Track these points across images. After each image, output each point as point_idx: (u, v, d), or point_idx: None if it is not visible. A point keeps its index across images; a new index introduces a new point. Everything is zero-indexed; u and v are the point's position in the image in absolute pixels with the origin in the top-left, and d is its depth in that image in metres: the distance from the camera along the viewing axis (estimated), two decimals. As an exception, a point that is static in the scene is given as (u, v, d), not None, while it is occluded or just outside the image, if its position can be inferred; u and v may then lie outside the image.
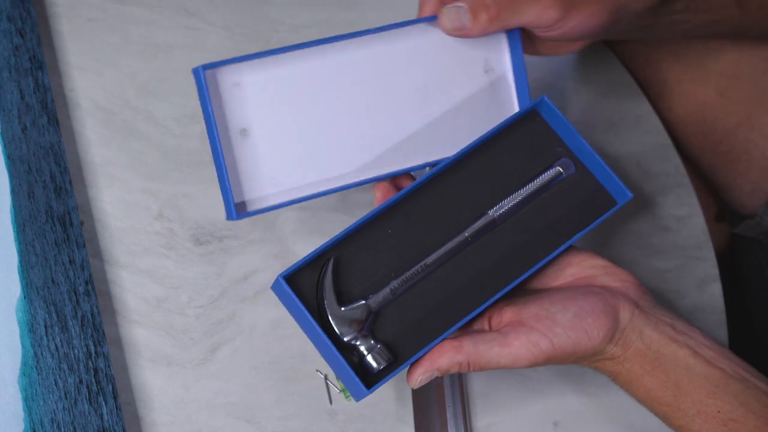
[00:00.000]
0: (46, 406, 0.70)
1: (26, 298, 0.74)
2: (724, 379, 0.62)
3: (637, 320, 0.64)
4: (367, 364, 0.63)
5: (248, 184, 0.67)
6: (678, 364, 0.63)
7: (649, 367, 0.63)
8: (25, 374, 0.71)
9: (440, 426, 0.74)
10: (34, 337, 0.72)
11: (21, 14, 0.89)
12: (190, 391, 0.74)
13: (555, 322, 0.63)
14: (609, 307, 0.64)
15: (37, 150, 0.82)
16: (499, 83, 0.73)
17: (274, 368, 0.76)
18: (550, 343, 0.62)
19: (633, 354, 0.64)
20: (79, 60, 0.90)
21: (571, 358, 0.64)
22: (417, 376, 0.63)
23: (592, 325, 0.63)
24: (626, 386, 0.66)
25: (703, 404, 0.62)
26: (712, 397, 0.62)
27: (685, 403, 0.63)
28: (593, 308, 0.64)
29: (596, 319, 0.63)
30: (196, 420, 0.73)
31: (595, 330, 0.63)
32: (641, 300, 0.66)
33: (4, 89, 0.84)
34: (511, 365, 0.63)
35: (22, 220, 0.78)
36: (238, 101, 0.67)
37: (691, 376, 0.62)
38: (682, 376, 0.63)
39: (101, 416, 0.70)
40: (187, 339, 0.77)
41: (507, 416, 0.76)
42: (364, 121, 0.70)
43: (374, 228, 0.66)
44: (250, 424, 0.73)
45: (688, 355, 0.63)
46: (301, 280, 0.65)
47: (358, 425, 0.74)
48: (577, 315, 0.63)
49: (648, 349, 0.63)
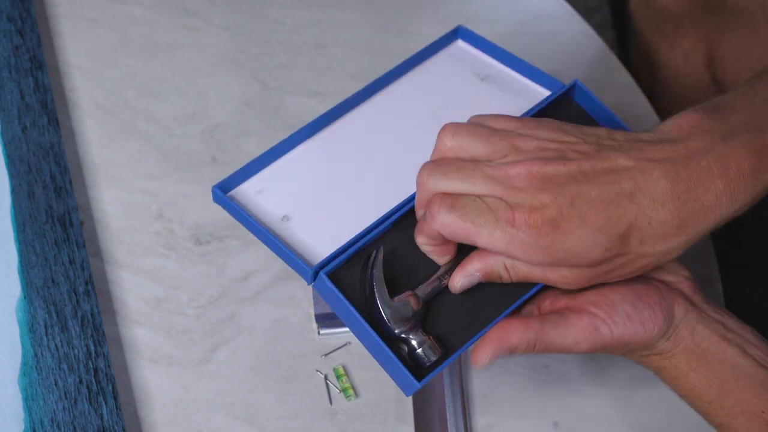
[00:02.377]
0: (46, 406, 0.70)
1: (26, 298, 0.74)
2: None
3: (690, 317, 0.63)
4: (419, 357, 0.61)
5: (308, 256, 0.66)
6: (726, 363, 0.62)
7: (696, 365, 0.63)
8: (25, 374, 0.71)
9: (440, 426, 0.74)
10: (34, 337, 0.72)
11: (21, 14, 0.89)
12: (190, 391, 0.74)
13: (615, 309, 0.62)
14: (665, 302, 0.63)
15: (37, 150, 0.82)
16: (504, 80, 0.74)
17: (274, 368, 0.76)
18: (610, 330, 0.61)
19: (682, 350, 0.63)
20: (79, 60, 0.90)
21: (625, 348, 0.63)
22: (486, 356, 0.61)
23: (648, 319, 0.62)
24: (670, 381, 0.65)
25: (748, 404, 0.61)
26: (757, 397, 0.61)
27: (729, 401, 0.62)
28: (651, 301, 0.63)
29: (653, 313, 0.62)
30: (196, 420, 0.73)
31: (651, 323, 0.62)
32: (694, 296, 0.65)
33: (4, 89, 0.85)
34: (571, 348, 0.61)
35: (22, 220, 0.78)
36: (266, 201, 0.68)
37: (738, 375, 0.62)
38: (728, 374, 0.62)
39: (101, 416, 0.70)
40: (187, 339, 0.77)
41: (507, 416, 0.76)
42: (390, 167, 0.70)
43: (413, 216, 0.65)
44: (250, 424, 0.73)
45: (737, 354, 0.62)
46: (342, 273, 0.63)
47: (358, 425, 0.74)
48: (635, 306, 0.62)
49: (697, 347, 0.63)
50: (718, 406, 0.62)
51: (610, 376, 0.78)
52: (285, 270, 0.80)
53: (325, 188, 0.69)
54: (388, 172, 0.70)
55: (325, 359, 0.77)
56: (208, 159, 0.86)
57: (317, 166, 0.70)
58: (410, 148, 0.69)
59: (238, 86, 0.91)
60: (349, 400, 0.75)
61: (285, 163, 0.70)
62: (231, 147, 0.86)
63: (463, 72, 0.75)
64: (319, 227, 0.67)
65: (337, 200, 0.69)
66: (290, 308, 0.79)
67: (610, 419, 0.77)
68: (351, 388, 0.75)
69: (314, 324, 0.78)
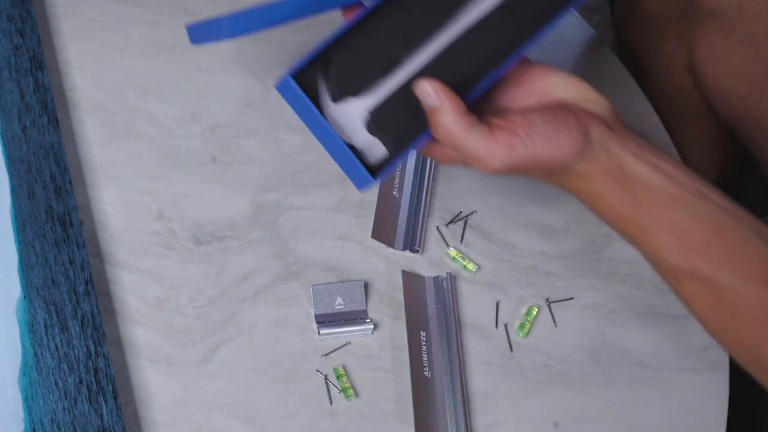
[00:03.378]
0: (46, 406, 0.70)
1: (26, 298, 0.74)
2: (682, 195, 0.63)
3: (607, 139, 0.65)
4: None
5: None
6: (639, 180, 0.64)
7: (611, 184, 0.64)
8: (25, 374, 0.71)
9: (440, 426, 0.74)
10: (34, 337, 0.72)
11: (21, 14, 0.89)
12: (190, 391, 0.74)
13: (534, 129, 0.64)
14: (581, 124, 0.65)
15: (37, 150, 0.82)
16: None
17: (274, 368, 0.76)
18: (526, 148, 0.63)
19: (598, 171, 0.65)
20: (79, 60, 0.90)
21: (541, 167, 0.65)
22: (428, 86, 0.64)
23: (565, 139, 0.64)
24: (588, 202, 0.67)
25: (659, 218, 0.63)
26: (667, 210, 0.63)
27: (643, 217, 0.64)
28: (568, 123, 0.65)
29: (569, 134, 0.64)
30: (196, 420, 0.73)
31: (566, 142, 0.64)
32: (614, 122, 0.67)
33: (4, 89, 0.84)
34: (484, 157, 0.63)
35: (22, 220, 0.78)
36: None
37: (650, 191, 0.64)
38: (642, 192, 0.64)
39: (101, 416, 0.70)
40: (187, 339, 0.77)
41: (507, 416, 0.76)
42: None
43: (363, 29, 0.67)
44: (250, 424, 0.73)
45: (650, 171, 0.64)
46: (307, 76, 0.66)
47: (358, 425, 0.74)
48: (554, 127, 0.64)
49: (612, 166, 0.64)
50: (632, 222, 0.64)
51: (610, 376, 0.79)
52: (285, 270, 0.81)
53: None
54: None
55: (325, 359, 0.77)
56: (208, 159, 0.86)
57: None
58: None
59: (238, 86, 0.91)
60: (349, 400, 0.75)
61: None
62: (231, 147, 0.86)
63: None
64: None
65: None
66: (290, 308, 0.79)
67: (610, 419, 0.77)
68: (351, 388, 0.75)
69: (314, 324, 0.78)
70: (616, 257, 0.84)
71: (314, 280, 0.80)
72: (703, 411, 0.78)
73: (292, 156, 0.87)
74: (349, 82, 0.66)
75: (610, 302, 0.82)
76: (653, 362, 0.79)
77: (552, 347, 0.80)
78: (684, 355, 0.80)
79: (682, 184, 0.64)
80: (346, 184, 0.85)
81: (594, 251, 0.84)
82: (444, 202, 0.85)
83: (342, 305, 0.78)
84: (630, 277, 0.83)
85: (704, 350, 0.80)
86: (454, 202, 0.85)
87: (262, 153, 0.86)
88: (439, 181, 0.86)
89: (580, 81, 0.68)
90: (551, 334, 0.80)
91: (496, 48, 0.69)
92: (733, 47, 0.95)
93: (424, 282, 0.80)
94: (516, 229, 0.84)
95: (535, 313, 0.80)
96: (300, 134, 0.88)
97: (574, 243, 0.84)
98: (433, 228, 0.84)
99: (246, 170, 0.85)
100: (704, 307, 0.64)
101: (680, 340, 0.80)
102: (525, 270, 0.83)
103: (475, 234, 0.84)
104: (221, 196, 0.84)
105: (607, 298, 0.82)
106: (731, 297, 0.62)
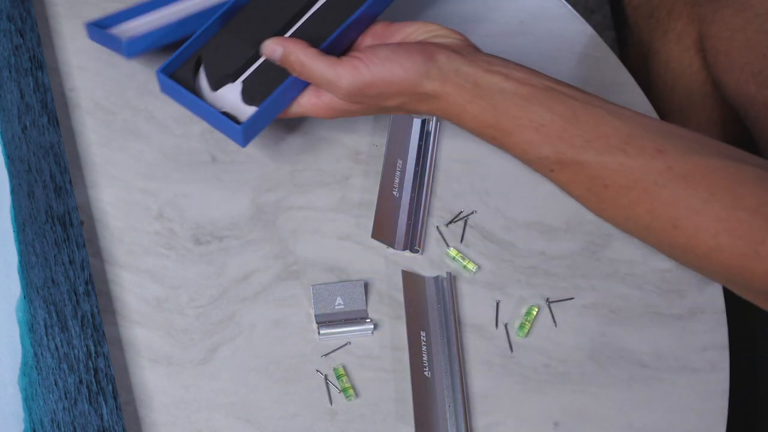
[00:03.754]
0: (46, 406, 0.70)
1: (26, 298, 0.74)
2: (532, 93, 0.70)
3: (454, 60, 0.72)
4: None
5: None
6: (493, 89, 0.71)
7: (469, 96, 0.71)
8: (25, 374, 0.71)
9: (440, 426, 0.74)
10: (34, 337, 0.72)
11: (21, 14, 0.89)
12: (190, 391, 0.74)
13: (375, 54, 0.73)
14: (425, 49, 0.73)
15: (37, 150, 0.82)
16: None
17: (274, 368, 0.76)
18: (368, 70, 0.72)
19: (453, 88, 0.72)
20: (79, 60, 0.90)
21: (391, 89, 0.73)
22: (274, 45, 0.75)
23: (406, 59, 0.72)
24: (455, 119, 0.73)
25: (518, 118, 0.70)
26: (523, 110, 0.69)
27: (504, 120, 0.70)
28: (411, 49, 0.73)
29: (410, 55, 0.72)
30: (196, 420, 0.73)
31: (408, 62, 0.72)
32: (466, 50, 0.74)
33: (4, 89, 0.84)
34: (333, 79, 0.73)
35: (22, 220, 0.78)
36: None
37: (505, 96, 0.70)
38: (497, 98, 0.70)
39: (101, 416, 0.70)
40: (187, 339, 0.77)
41: (507, 416, 0.76)
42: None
43: (231, 24, 0.82)
44: (250, 424, 0.73)
45: (501, 80, 0.71)
46: (180, 70, 0.81)
47: (358, 425, 0.74)
48: (394, 51, 0.73)
49: (466, 82, 0.71)
50: (497, 127, 0.71)
51: (611, 376, 0.79)
52: (285, 270, 0.81)
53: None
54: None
55: (325, 359, 0.77)
56: (208, 159, 0.86)
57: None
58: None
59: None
60: (349, 400, 0.75)
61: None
62: (231, 147, 0.86)
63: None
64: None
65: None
66: (290, 308, 0.79)
67: (610, 419, 0.77)
68: (351, 388, 0.75)
69: (314, 324, 0.78)
70: (616, 257, 0.84)
71: (314, 280, 0.80)
72: (703, 411, 0.78)
73: (292, 156, 0.87)
74: (222, 71, 0.79)
75: (610, 302, 0.82)
76: (653, 362, 0.79)
77: (552, 347, 0.80)
78: (684, 355, 0.80)
79: (531, 85, 0.70)
80: (346, 184, 0.85)
81: (594, 251, 0.84)
82: (444, 202, 0.85)
83: (342, 305, 0.78)
84: (630, 277, 0.83)
85: (704, 350, 0.80)
86: (454, 202, 0.85)
87: (262, 153, 0.86)
88: (439, 181, 0.86)
89: (431, 24, 0.77)
90: (551, 334, 0.80)
91: (338, 20, 0.81)
92: (748, 21, 0.95)
93: (424, 281, 0.81)
94: (516, 229, 0.84)
95: (535, 313, 0.80)
96: (300, 134, 0.88)
97: (574, 243, 0.84)
98: (433, 228, 0.84)
99: (246, 170, 0.85)
100: (580, 189, 0.69)
101: (680, 340, 0.80)
102: (525, 270, 0.83)
103: (475, 234, 0.84)
104: (221, 196, 0.84)
105: (607, 298, 0.82)
106: (599, 173, 0.67)
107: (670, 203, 0.65)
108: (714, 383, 0.78)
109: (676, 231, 0.66)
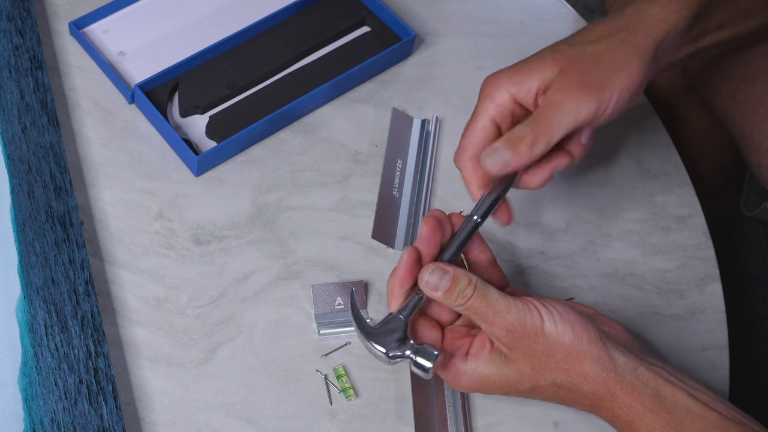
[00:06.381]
0: (46, 406, 0.70)
1: (26, 298, 0.74)
2: (723, 422, 0.62)
3: (629, 359, 0.64)
4: (419, 364, 0.65)
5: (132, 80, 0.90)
6: (678, 405, 0.62)
7: (650, 405, 0.62)
8: (25, 374, 0.71)
9: (440, 426, 0.74)
10: (34, 337, 0.72)
11: (21, 14, 0.89)
12: (190, 391, 0.74)
13: (550, 303, 0.65)
14: (599, 333, 0.64)
15: (37, 150, 0.82)
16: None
17: (274, 368, 0.76)
18: (547, 317, 0.64)
19: (629, 390, 0.63)
20: (79, 60, 0.90)
21: (557, 354, 0.64)
22: (427, 271, 0.65)
23: (581, 329, 0.64)
24: (620, 425, 0.64)
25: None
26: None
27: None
28: (583, 320, 0.65)
29: (585, 327, 0.64)
30: (196, 420, 0.73)
31: (582, 332, 0.64)
32: (630, 345, 0.66)
33: (4, 89, 0.85)
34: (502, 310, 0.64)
35: (22, 220, 0.78)
36: (109, 39, 0.92)
37: (693, 417, 0.62)
38: (683, 416, 0.62)
39: (101, 416, 0.70)
40: (187, 339, 0.77)
41: (507, 416, 0.76)
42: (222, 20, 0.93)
43: (214, 61, 0.89)
44: (250, 424, 0.73)
45: (686, 396, 0.62)
46: (158, 92, 0.87)
47: (358, 425, 0.74)
48: (568, 312, 0.65)
49: (645, 386, 0.63)
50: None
51: (610, 376, 0.79)
52: (285, 270, 0.81)
53: (162, 34, 0.91)
54: (221, 26, 0.92)
55: (325, 359, 0.77)
56: (208, 159, 0.86)
57: (159, 16, 0.92)
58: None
59: (238, 86, 0.91)
60: (349, 400, 0.75)
61: (130, 11, 0.92)
62: (231, 147, 0.87)
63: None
64: (149, 63, 0.89)
65: (171, 44, 0.90)
66: (290, 308, 0.79)
67: (610, 419, 0.77)
68: (351, 388, 0.75)
69: (314, 324, 0.78)
70: (616, 257, 0.84)
71: (314, 280, 0.80)
72: (703, 411, 0.78)
73: (292, 156, 0.87)
74: (193, 102, 0.86)
75: (610, 302, 0.82)
76: (653, 362, 0.79)
77: (552, 347, 0.79)
78: (684, 355, 0.80)
79: (719, 411, 0.62)
80: (346, 184, 0.85)
81: (594, 251, 0.84)
82: (444, 202, 0.85)
83: (342, 305, 0.78)
84: (630, 277, 0.83)
85: (704, 350, 0.80)
86: (454, 202, 0.85)
87: (262, 153, 0.86)
88: (439, 181, 0.86)
89: (587, 307, 0.69)
90: (551, 334, 0.80)
91: (312, 82, 0.88)
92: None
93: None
94: (516, 229, 0.84)
95: (535, 313, 0.80)
96: (300, 134, 0.88)
97: (574, 243, 0.84)
98: (433, 228, 0.84)
99: (246, 170, 0.85)
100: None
101: (680, 340, 0.80)
102: (525, 270, 0.83)
103: (475, 234, 0.84)
104: (221, 196, 0.84)
105: (607, 298, 0.82)
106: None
107: None
108: (714, 383, 0.78)
109: None
